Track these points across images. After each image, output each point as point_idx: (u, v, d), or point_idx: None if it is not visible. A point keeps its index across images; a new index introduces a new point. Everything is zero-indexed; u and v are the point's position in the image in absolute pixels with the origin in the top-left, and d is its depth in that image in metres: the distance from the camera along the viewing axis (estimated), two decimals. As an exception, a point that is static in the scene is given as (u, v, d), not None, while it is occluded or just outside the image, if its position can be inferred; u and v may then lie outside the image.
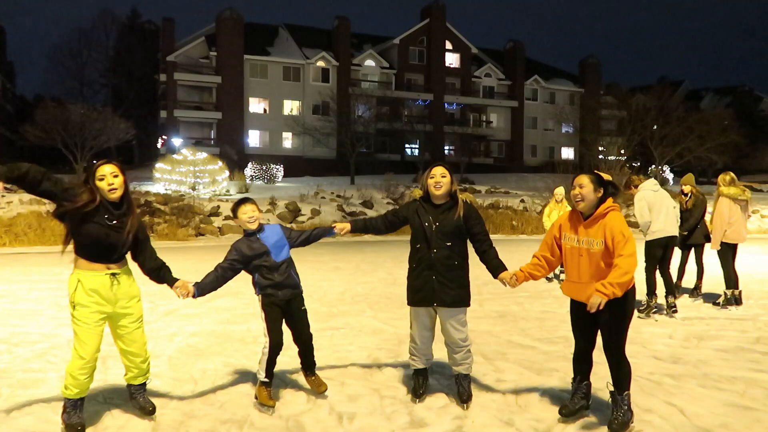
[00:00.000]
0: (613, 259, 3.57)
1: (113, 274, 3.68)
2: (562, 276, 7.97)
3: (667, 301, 7.17)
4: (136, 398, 3.94)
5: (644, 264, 7.00)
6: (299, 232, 4.36)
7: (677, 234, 7.26)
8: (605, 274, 3.59)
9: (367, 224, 4.42)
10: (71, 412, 3.70)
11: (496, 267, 4.12)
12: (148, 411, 3.89)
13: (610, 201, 3.73)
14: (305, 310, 4.31)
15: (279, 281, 4.12)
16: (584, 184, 3.71)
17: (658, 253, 7.08)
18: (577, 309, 3.84)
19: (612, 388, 3.75)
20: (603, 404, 4.04)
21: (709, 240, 8.02)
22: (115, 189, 3.62)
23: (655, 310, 7.15)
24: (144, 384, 3.98)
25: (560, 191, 9.89)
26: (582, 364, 3.93)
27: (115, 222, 3.64)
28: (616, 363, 3.70)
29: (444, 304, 4.08)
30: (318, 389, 4.27)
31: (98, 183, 3.61)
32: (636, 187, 7.19)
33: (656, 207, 6.95)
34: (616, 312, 3.65)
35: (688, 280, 8.71)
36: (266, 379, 4.15)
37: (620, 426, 3.64)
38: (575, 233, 3.77)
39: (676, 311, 7.10)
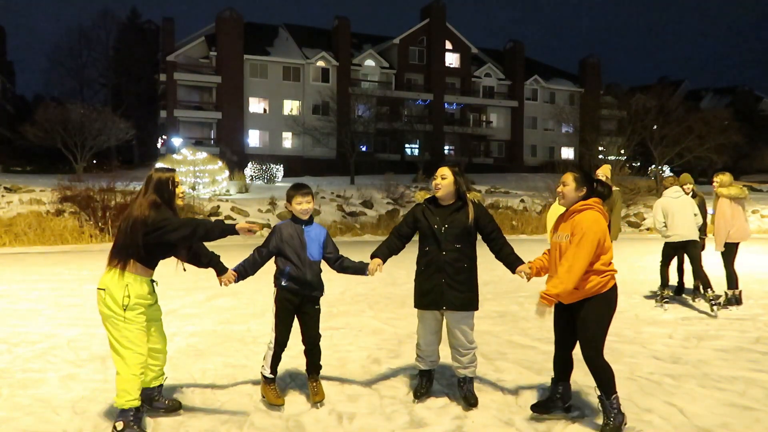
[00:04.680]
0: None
1: (152, 281, 3.77)
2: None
3: (706, 296, 7.32)
4: (159, 400, 3.95)
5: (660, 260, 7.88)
6: (337, 253, 4.31)
7: (695, 238, 7.42)
8: None
9: (389, 249, 4.27)
10: (132, 424, 3.54)
11: (513, 261, 4.10)
12: (175, 408, 3.94)
13: (592, 200, 3.67)
14: (319, 309, 4.28)
15: (308, 280, 4.11)
16: (567, 182, 3.73)
17: (670, 252, 7.76)
18: (556, 308, 3.83)
19: (599, 393, 3.67)
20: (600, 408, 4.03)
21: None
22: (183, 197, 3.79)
23: (666, 300, 7.74)
24: (161, 386, 4.00)
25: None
26: (561, 365, 3.90)
27: None
28: (594, 368, 3.62)
29: (453, 308, 4.06)
30: (314, 398, 4.16)
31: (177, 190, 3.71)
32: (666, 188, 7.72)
33: (674, 213, 7.43)
34: (592, 315, 3.60)
35: (687, 280, 8.70)
36: (270, 375, 4.15)
37: (612, 430, 3.59)
38: (557, 229, 3.80)
39: (716, 303, 7.20)
